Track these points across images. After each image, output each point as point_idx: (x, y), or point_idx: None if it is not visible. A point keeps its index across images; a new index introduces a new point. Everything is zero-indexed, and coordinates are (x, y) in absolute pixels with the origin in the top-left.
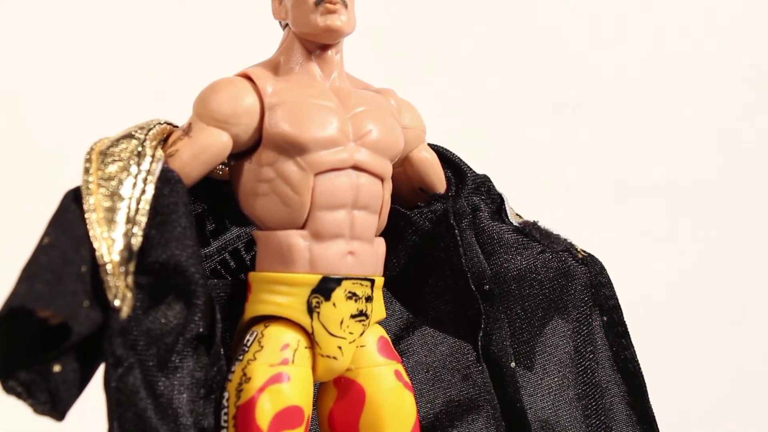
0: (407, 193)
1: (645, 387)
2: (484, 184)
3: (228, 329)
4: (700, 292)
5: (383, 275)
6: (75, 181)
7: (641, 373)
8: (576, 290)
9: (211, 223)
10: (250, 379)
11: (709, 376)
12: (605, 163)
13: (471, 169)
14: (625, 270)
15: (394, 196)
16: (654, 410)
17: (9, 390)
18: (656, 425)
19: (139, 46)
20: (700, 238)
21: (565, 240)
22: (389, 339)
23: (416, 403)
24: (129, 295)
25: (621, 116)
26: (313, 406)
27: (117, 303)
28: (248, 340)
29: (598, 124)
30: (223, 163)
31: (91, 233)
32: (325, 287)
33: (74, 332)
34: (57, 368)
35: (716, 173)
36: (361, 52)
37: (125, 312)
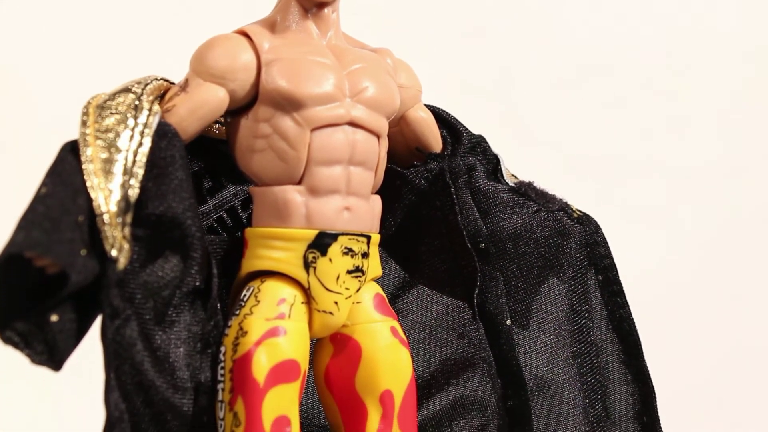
0: (403, 152)
1: (640, 346)
2: (479, 144)
3: (224, 285)
4: (697, 267)
5: (379, 234)
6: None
7: (636, 332)
8: (571, 249)
9: (207, 181)
10: (246, 333)
11: (705, 339)
12: (604, 142)
13: (467, 129)
14: (622, 249)
15: (391, 156)
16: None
17: (6, 340)
18: (651, 384)
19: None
20: (697, 219)
21: (561, 200)
22: (385, 297)
23: (412, 361)
24: (126, 246)
25: (621, 95)
26: (310, 363)
27: (114, 253)
28: (245, 295)
29: (598, 102)
30: (218, 121)
31: (88, 183)
32: (322, 242)
33: (71, 281)
34: (54, 318)
35: (715, 155)
36: (359, 29)
37: (122, 263)
